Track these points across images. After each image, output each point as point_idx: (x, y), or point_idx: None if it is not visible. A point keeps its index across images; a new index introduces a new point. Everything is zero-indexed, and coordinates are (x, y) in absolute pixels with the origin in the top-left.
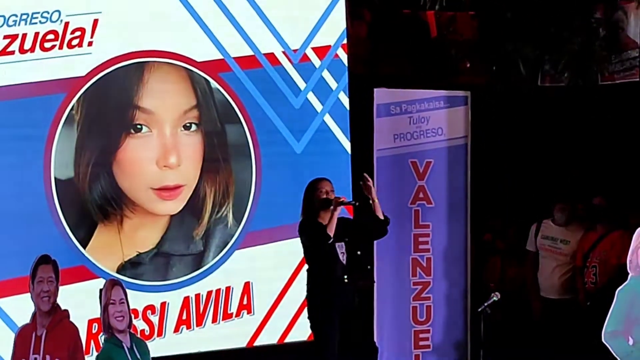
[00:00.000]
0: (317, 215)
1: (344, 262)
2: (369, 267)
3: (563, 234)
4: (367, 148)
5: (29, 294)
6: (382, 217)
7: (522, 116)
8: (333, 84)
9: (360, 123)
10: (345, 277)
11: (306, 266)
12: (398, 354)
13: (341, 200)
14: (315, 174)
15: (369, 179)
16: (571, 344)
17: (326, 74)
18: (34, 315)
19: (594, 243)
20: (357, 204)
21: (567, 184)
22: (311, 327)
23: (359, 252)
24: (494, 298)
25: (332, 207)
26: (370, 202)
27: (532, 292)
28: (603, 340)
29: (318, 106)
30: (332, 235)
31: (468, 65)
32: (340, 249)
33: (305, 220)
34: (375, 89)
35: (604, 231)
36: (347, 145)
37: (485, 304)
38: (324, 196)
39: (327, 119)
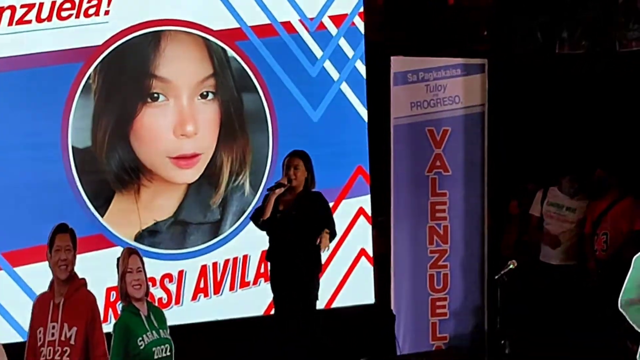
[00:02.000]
0: None
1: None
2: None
3: (570, 202)
4: (384, 116)
5: (46, 263)
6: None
7: (540, 84)
8: (350, 52)
9: (377, 91)
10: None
11: None
12: (415, 321)
13: (278, 182)
14: (331, 142)
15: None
16: (582, 311)
17: (343, 42)
18: (51, 284)
19: (604, 210)
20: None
21: (583, 153)
22: None
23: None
24: (511, 266)
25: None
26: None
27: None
28: (619, 308)
29: (335, 74)
30: (265, 216)
31: (485, 33)
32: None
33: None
34: (392, 57)
35: (615, 199)
36: (364, 113)
37: (502, 272)
38: (285, 173)
39: (344, 87)
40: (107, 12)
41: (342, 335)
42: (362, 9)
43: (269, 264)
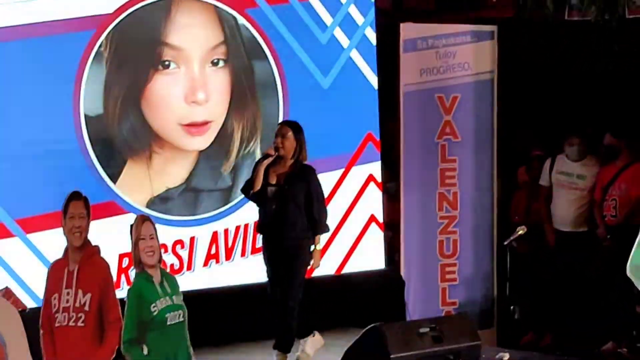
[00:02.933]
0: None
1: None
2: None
3: (579, 169)
4: (393, 83)
5: (58, 229)
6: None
7: (549, 50)
8: (360, 19)
9: (387, 58)
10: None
11: None
12: (425, 287)
13: (266, 152)
14: (341, 109)
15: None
16: (592, 276)
17: (353, 9)
18: (65, 251)
19: (614, 176)
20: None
21: (592, 118)
22: None
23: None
24: (520, 232)
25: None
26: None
27: (547, 225)
28: (628, 274)
29: (345, 41)
30: (256, 187)
31: None
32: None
33: (256, 162)
34: (401, 24)
35: (624, 164)
36: (373, 80)
37: (512, 238)
38: (274, 143)
39: (354, 54)
40: None
41: (352, 301)
42: None
43: (260, 236)
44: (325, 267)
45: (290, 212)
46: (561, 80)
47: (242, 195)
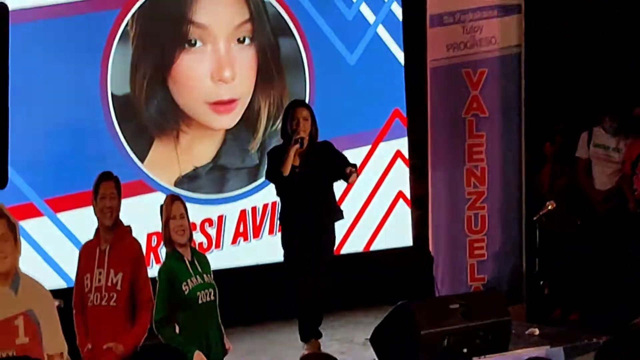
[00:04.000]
0: (289, 143)
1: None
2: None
3: (616, 142)
4: (420, 59)
5: (87, 208)
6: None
7: (576, 24)
8: None
9: (413, 33)
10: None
11: None
12: (453, 263)
13: (299, 137)
14: (368, 85)
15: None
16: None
17: None
18: (97, 231)
19: None
20: (303, 148)
21: (620, 92)
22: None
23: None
24: (549, 206)
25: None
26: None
27: (595, 194)
28: None
29: (371, 17)
30: (285, 173)
31: None
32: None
33: (275, 147)
34: None
35: None
36: (400, 56)
37: (541, 213)
38: (295, 126)
39: (380, 30)
40: None
41: (381, 277)
42: None
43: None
44: (353, 244)
45: (320, 192)
46: (588, 53)
47: None
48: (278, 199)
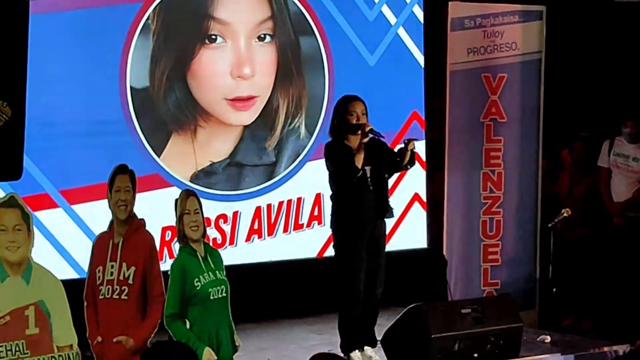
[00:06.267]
0: (346, 138)
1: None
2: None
3: (636, 152)
4: (440, 62)
5: (102, 201)
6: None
7: (597, 31)
8: None
9: (434, 37)
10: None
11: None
12: (467, 267)
13: (370, 128)
14: (388, 87)
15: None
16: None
17: None
18: (111, 224)
19: None
20: (383, 137)
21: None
22: (335, 255)
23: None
24: (565, 214)
25: (360, 134)
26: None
27: (612, 207)
28: None
29: (392, 19)
30: (360, 167)
31: None
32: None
33: (333, 143)
34: (449, 2)
35: None
36: (420, 59)
37: (556, 220)
38: (355, 120)
39: (401, 32)
40: None
41: (394, 279)
42: None
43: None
44: None
45: (384, 187)
46: (608, 61)
47: (286, 171)
48: (294, 197)
